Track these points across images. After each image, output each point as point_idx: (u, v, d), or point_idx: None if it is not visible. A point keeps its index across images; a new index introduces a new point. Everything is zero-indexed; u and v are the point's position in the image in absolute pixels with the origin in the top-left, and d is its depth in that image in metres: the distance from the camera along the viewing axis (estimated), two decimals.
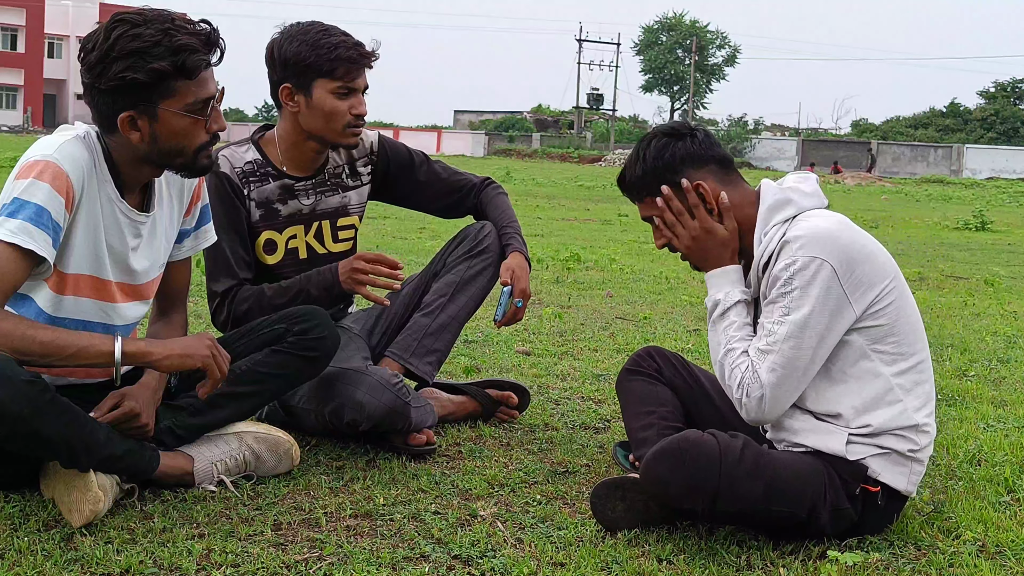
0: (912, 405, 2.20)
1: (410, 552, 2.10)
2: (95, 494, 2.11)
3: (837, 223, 2.20)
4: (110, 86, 2.11)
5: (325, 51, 2.70)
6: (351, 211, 2.97)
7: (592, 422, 3.19)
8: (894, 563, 2.13)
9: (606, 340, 4.53)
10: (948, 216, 16.55)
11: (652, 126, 60.50)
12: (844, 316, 2.15)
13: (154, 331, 2.50)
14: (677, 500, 2.10)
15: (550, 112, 70.00)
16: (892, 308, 2.19)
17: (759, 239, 2.25)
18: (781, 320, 2.15)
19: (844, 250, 2.14)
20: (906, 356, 2.21)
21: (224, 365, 2.25)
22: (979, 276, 7.85)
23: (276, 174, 2.84)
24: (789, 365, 2.15)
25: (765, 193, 2.29)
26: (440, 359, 2.99)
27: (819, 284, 2.12)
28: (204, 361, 2.21)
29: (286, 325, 2.54)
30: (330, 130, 2.78)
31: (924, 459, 2.24)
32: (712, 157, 2.32)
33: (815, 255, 2.13)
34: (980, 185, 35.87)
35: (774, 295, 2.18)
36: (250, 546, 2.09)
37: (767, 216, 2.25)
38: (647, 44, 75.27)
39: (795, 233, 2.17)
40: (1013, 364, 4.36)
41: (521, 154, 49.96)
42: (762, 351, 2.17)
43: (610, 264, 7.42)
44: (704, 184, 2.29)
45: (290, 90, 2.75)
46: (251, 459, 2.46)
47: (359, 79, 2.77)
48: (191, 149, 2.21)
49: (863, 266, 2.16)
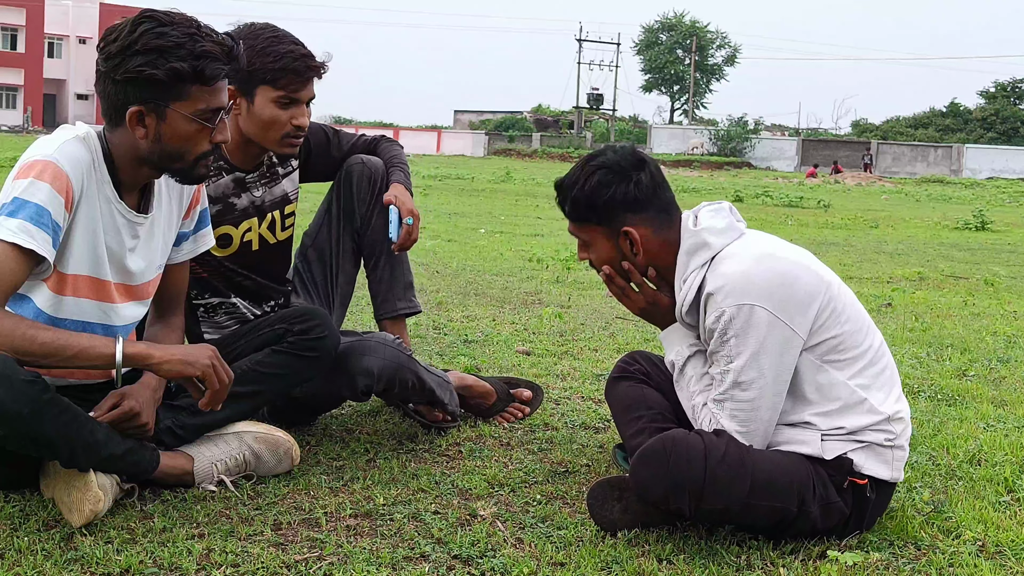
0: (877, 398, 2.22)
1: (410, 552, 2.10)
2: (95, 494, 2.11)
3: (752, 260, 2.20)
4: (126, 78, 2.12)
5: (272, 59, 2.65)
6: (291, 198, 2.97)
7: (592, 422, 3.19)
8: (894, 563, 2.13)
9: (606, 340, 4.53)
10: (948, 216, 16.54)
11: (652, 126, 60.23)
12: (793, 344, 2.17)
13: (152, 334, 2.50)
14: (663, 500, 2.10)
15: (550, 112, 69.98)
16: (832, 319, 2.20)
17: (679, 285, 2.29)
18: (726, 369, 2.19)
19: (767, 287, 2.16)
20: (858, 356, 2.22)
21: (224, 378, 2.22)
22: (979, 276, 7.85)
23: (228, 168, 2.81)
24: (747, 407, 2.18)
25: (683, 235, 2.30)
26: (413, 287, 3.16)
27: (754, 327, 2.14)
28: (204, 370, 2.18)
29: (286, 325, 2.54)
30: (267, 139, 2.73)
31: (904, 444, 2.26)
32: (652, 203, 2.31)
33: (741, 302, 2.15)
34: (980, 185, 35.86)
35: (713, 347, 2.22)
36: (250, 546, 2.09)
37: (685, 261, 2.28)
38: (647, 44, 75.33)
39: (715, 284, 2.19)
40: (1013, 364, 4.36)
41: (521, 154, 49.94)
42: (717, 401, 2.22)
43: None
44: (634, 233, 2.29)
45: (233, 93, 2.67)
46: (251, 459, 2.46)
47: (304, 91, 2.71)
48: (192, 156, 2.21)
49: (790, 294, 2.17)
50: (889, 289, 6.72)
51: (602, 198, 2.28)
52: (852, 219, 14.68)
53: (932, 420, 3.32)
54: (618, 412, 2.61)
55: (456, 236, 9.24)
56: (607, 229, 2.32)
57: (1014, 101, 63.14)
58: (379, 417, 3.08)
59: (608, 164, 2.31)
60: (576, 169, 2.36)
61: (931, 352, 4.54)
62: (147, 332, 2.52)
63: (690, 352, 2.32)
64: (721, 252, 2.25)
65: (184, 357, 2.17)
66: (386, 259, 3.07)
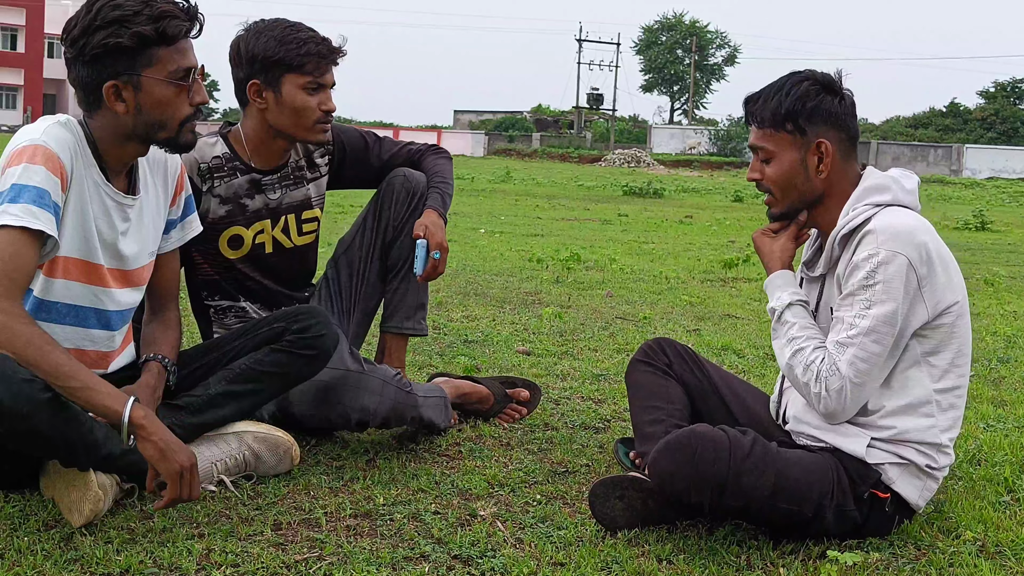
0: (942, 425, 2.21)
1: (410, 552, 2.10)
2: (95, 493, 2.11)
3: (924, 225, 2.19)
4: (94, 54, 2.15)
5: (294, 46, 2.67)
6: (314, 203, 2.95)
7: (592, 422, 3.18)
8: (894, 563, 2.13)
9: (606, 340, 4.53)
10: (948, 216, 16.54)
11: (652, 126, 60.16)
12: (918, 314, 2.15)
13: (148, 333, 2.50)
14: (684, 493, 2.09)
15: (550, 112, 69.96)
16: (955, 325, 2.19)
17: (847, 211, 2.24)
18: (863, 314, 2.14)
19: (926, 251, 2.14)
20: (952, 376, 2.22)
21: (188, 492, 2.09)
22: (979, 276, 7.85)
23: (244, 168, 2.80)
24: (870, 359, 2.14)
25: (868, 173, 2.28)
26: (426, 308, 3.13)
27: (901, 279, 2.11)
28: (170, 473, 2.08)
29: (285, 324, 2.54)
30: (299, 127, 2.74)
31: (939, 478, 2.25)
32: (849, 126, 2.29)
33: (898, 250, 2.12)
34: (980, 185, 35.84)
35: (854, 286, 2.16)
36: (250, 546, 2.09)
37: (863, 194, 2.24)
38: (647, 44, 75.35)
39: (880, 223, 2.16)
40: (1013, 364, 4.36)
41: (521, 154, 49.93)
42: (841, 344, 2.16)
43: (610, 264, 7.42)
44: (828, 146, 2.25)
45: (258, 86, 2.71)
46: (251, 459, 2.46)
47: (328, 74, 2.74)
48: (175, 121, 2.24)
49: (940, 272, 2.16)
50: None
51: (809, 104, 2.25)
52: None
53: None
54: (637, 397, 2.58)
55: (456, 236, 9.23)
56: (801, 139, 2.27)
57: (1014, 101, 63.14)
58: None
59: (816, 78, 2.29)
60: (779, 80, 2.32)
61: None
62: (144, 331, 2.52)
63: (792, 299, 2.29)
64: (895, 205, 2.23)
65: (166, 448, 2.09)
66: (406, 275, 3.04)
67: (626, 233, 10.94)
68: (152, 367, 2.39)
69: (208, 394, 2.45)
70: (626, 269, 7.28)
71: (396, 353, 3.09)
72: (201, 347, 2.65)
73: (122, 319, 2.40)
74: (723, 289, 6.62)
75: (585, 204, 16.60)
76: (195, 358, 2.58)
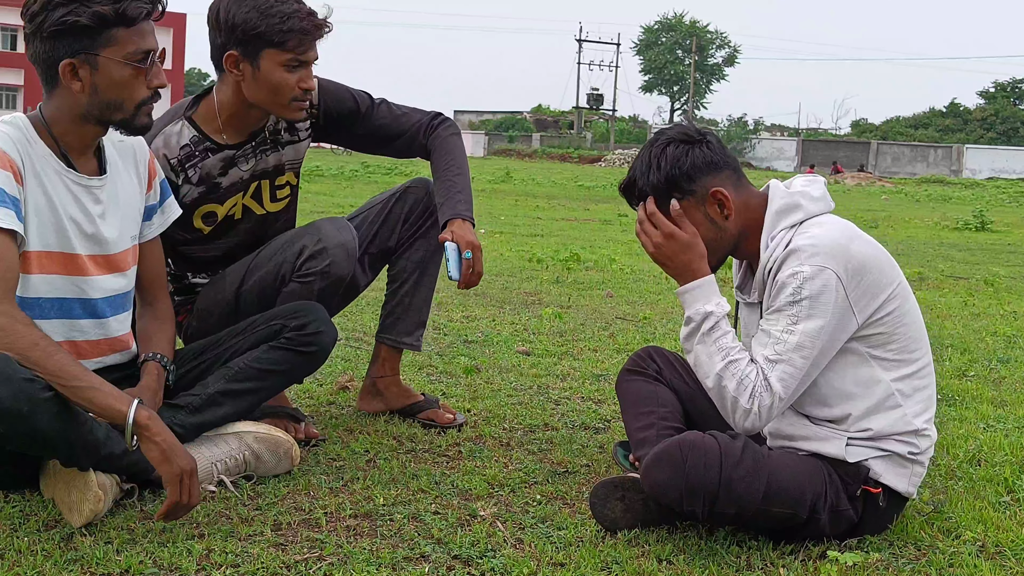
0: (912, 411, 2.20)
1: (410, 552, 2.10)
2: (95, 494, 2.11)
3: (844, 232, 2.18)
4: (52, 31, 2.15)
5: (277, 20, 2.53)
6: (287, 168, 2.86)
7: (592, 422, 3.18)
8: (894, 563, 2.13)
9: (606, 340, 4.53)
10: (948, 216, 16.54)
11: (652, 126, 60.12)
12: (847, 326, 2.15)
13: (143, 328, 2.50)
14: (677, 502, 2.09)
15: (550, 112, 69.99)
16: (894, 315, 2.18)
17: (766, 243, 2.23)
18: (790, 329, 2.12)
19: (851, 261, 2.13)
20: (907, 362, 2.21)
21: (188, 497, 2.09)
22: (979, 276, 7.85)
23: (215, 147, 2.70)
24: (797, 375, 2.13)
25: (773, 196, 2.27)
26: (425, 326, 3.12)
27: (829, 294, 2.10)
28: (171, 476, 2.08)
29: (283, 321, 2.54)
30: (275, 103, 2.63)
31: (925, 461, 2.25)
32: (727, 163, 2.29)
33: (824, 265, 2.11)
34: (980, 185, 35.86)
35: (781, 303, 2.15)
36: (250, 546, 2.09)
37: (775, 220, 2.23)
38: (647, 44, 75.38)
39: (802, 242, 2.15)
40: (1013, 364, 4.36)
41: (521, 154, 49.95)
42: (771, 360, 2.14)
43: (610, 264, 7.42)
44: (723, 192, 2.25)
45: (236, 58, 2.58)
46: (251, 459, 2.46)
47: (311, 51, 2.60)
48: (131, 103, 2.23)
49: (869, 276, 2.15)
50: None
51: (684, 167, 2.25)
52: (852, 219, 14.59)
53: None
54: (628, 405, 2.58)
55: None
56: (695, 198, 2.26)
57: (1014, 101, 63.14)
58: (379, 417, 3.08)
59: (674, 138, 2.29)
60: (641, 158, 2.31)
61: (932, 352, 4.54)
62: (138, 325, 2.52)
63: (726, 310, 2.25)
64: (813, 219, 2.22)
65: (171, 451, 2.09)
66: (411, 289, 3.03)
67: (626, 233, 10.93)
68: (151, 368, 2.39)
69: (207, 393, 2.45)
70: (626, 269, 7.28)
71: (389, 363, 3.10)
72: (198, 346, 2.65)
73: (111, 306, 2.38)
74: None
75: (585, 204, 16.60)
76: (193, 356, 2.58)
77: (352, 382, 3.44)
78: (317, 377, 3.50)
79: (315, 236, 2.68)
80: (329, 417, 3.09)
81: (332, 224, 2.73)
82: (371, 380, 3.12)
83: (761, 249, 2.24)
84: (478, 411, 3.23)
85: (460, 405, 3.28)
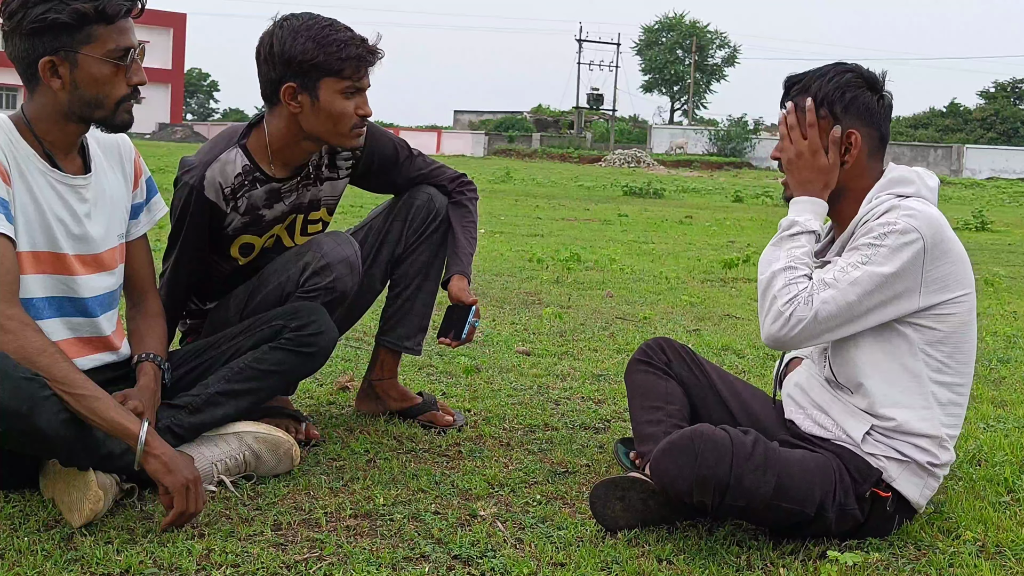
0: (941, 418, 2.20)
1: (410, 552, 2.10)
2: (95, 493, 2.11)
3: (944, 219, 2.19)
4: (31, 28, 2.14)
5: (335, 49, 2.55)
6: (322, 204, 2.89)
7: (592, 422, 3.18)
8: (894, 563, 2.13)
9: (606, 340, 4.53)
10: (948, 216, 16.48)
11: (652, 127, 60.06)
12: (908, 299, 2.14)
13: (135, 328, 2.50)
14: (687, 494, 2.09)
15: (550, 112, 69.94)
16: (956, 319, 2.18)
17: (870, 198, 2.23)
18: (858, 265, 2.12)
19: (943, 243, 2.13)
20: (952, 371, 2.21)
21: (193, 506, 2.11)
22: (979, 276, 7.85)
23: (264, 179, 2.71)
24: (845, 307, 2.12)
25: (892, 167, 2.28)
26: (426, 331, 3.13)
27: (908, 254, 2.10)
28: (176, 487, 2.10)
29: (283, 321, 2.54)
30: (334, 132, 2.64)
31: (940, 476, 2.25)
32: (880, 125, 2.29)
33: (917, 227, 2.11)
34: (980, 185, 35.84)
35: (860, 242, 2.15)
36: (250, 546, 2.09)
37: (886, 184, 2.24)
38: (647, 44, 75.39)
39: (905, 204, 2.16)
40: (1013, 364, 4.36)
41: (521, 154, 49.91)
42: (826, 282, 2.14)
43: (610, 264, 7.42)
44: (857, 137, 2.25)
45: (294, 90, 2.58)
46: (251, 459, 2.46)
47: (366, 78, 2.64)
48: (111, 100, 2.22)
49: (949, 266, 2.14)
50: None
51: (848, 94, 2.25)
52: None
53: None
54: (636, 396, 2.57)
55: None
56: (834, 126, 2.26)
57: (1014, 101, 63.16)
58: (379, 417, 3.08)
59: (860, 71, 2.29)
60: (824, 67, 2.31)
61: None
62: (128, 326, 2.52)
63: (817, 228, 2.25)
64: (915, 197, 2.22)
65: (170, 462, 2.11)
66: (413, 293, 3.03)
67: (626, 233, 10.94)
68: (147, 369, 2.39)
69: (207, 393, 2.45)
70: (626, 269, 7.28)
71: (388, 365, 3.10)
72: (198, 346, 2.65)
73: (100, 305, 2.38)
74: (723, 289, 6.62)
75: (585, 204, 16.60)
76: (193, 357, 2.58)
77: (352, 382, 3.45)
78: (317, 377, 3.50)
79: (317, 252, 2.69)
80: (329, 417, 3.09)
81: (333, 239, 2.74)
82: (369, 383, 3.12)
83: (863, 204, 2.23)
84: (478, 411, 3.24)
85: (460, 405, 3.28)
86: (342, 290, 2.70)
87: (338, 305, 2.74)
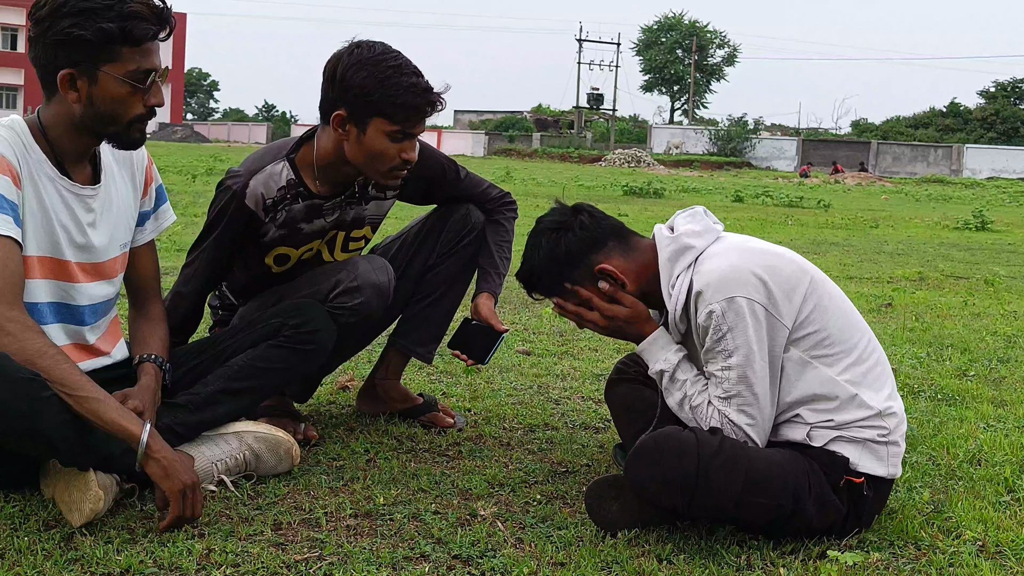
0: (868, 395, 2.22)
1: (410, 552, 2.10)
2: (95, 493, 2.11)
3: (737, 253, 2.23)
4: (55, 40, 2.13)
5: (393, 92, 2.49)
6: (367, 221, 2.87)
7: (592, 422, 3.19)
8: (894, 563, 2.13)
9: (606, 340, 4.53)
10: (948, 216, 16.53)
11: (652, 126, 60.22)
12: (779, 335, 2.19)
13: (136, 330, 2.50)
14: (656, 496, 2.10)
15: (550, 112, 69.97)
16: (817, 309, 2.21)
17: (668, 293, 2.28)
18: (727, 365, 2.18)
19: (750, 279, 2.17)
20: (846, 352, 2.23)
21: (191, 510, 2.12)
22: (979, 276, 7.84)
23: (306, 194, 2.68)
24: (753, 398, 2.18)
25: (660, 244, 2.31)
26: (440, 341, 3.14)
27: (745, 319, 2.15)
28: (173, 491, 2.09)
29: (282, 319, 2.55)
30: (373, 169, 2.61)
31: (898, 439, 2.26)
32: (605, 235, 2.34)
33: (730, 295, 2.16)
34: (980, 185, 35.84)
35: (708, 345, 2.21)
36: (250, 546, 2.09)
37: (668, 268, 2.28)
38: (647, 44, 75.43)
39: (702, 282, 2.20)
40: (1013, 364, 4.36)
41: (521, 154, 49.92)
42: (723, 399, 2.20)
43: None
44: (608, 266, 2.30)
45: (343, 118, 2.54)
46: (251, 459, 2.46)
47: (419, 126, 2.58)
48: (125, 119, 2.22)
49: (773, 283, 2.18)
50: (889, 289, 6.72)
51: (561, 253, 2.32)
52: (852, 219, 14.67)
53: (932, 420, 3.32)
54: (618, 413, 2.63)
55: None
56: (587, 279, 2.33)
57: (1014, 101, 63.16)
58: (379, 417, 3.08)
59: (546, 226, 2.36)
60: (525, 254, 2.40)
61: (931, 352, 4.54)
62: (131, 329, 2.52)
63: (678, 358, 2.31)
64: (703, 253, 2.27)
65: (171, 466, 2.11)
66: (434, 301, 3.04)
67: None
68: (148, 369, 2.39)
69: (207, 392, 2.45)
70: None
71: (395, 367, 3.11)
72: (198, 345, 2.65)
73: (94, 313, 2.38)
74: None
75: None
76: (192, 356, 2.58)
77: (352, 382, 3.45)
78: None
79: (352, 272, 2.71)
80: (329, 417, 3.09)
81: (370, 263, 2.76)
82: (372, 381, 3.12)
83: (665, 299, 2.29)
84: (478, 411, 3.24)
85: (460, 405, 3.29)
86: (366, 314, 2.72)
87: (359, 327, 2.77)
